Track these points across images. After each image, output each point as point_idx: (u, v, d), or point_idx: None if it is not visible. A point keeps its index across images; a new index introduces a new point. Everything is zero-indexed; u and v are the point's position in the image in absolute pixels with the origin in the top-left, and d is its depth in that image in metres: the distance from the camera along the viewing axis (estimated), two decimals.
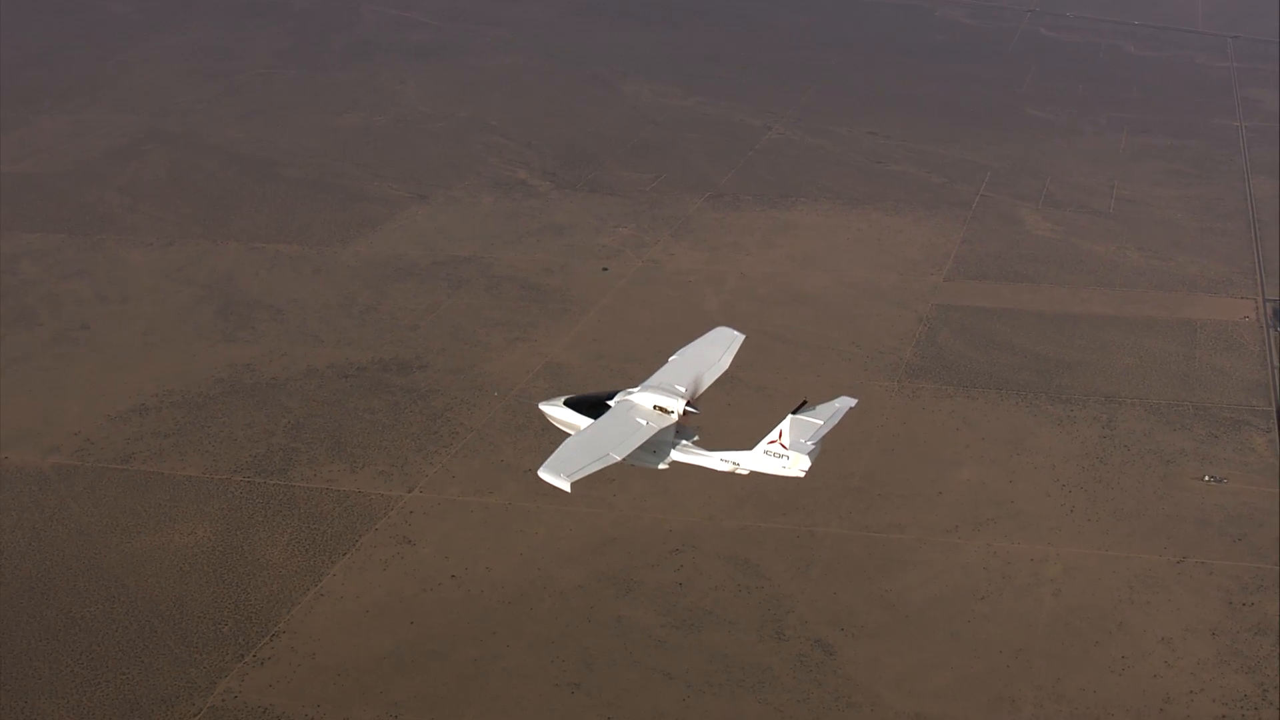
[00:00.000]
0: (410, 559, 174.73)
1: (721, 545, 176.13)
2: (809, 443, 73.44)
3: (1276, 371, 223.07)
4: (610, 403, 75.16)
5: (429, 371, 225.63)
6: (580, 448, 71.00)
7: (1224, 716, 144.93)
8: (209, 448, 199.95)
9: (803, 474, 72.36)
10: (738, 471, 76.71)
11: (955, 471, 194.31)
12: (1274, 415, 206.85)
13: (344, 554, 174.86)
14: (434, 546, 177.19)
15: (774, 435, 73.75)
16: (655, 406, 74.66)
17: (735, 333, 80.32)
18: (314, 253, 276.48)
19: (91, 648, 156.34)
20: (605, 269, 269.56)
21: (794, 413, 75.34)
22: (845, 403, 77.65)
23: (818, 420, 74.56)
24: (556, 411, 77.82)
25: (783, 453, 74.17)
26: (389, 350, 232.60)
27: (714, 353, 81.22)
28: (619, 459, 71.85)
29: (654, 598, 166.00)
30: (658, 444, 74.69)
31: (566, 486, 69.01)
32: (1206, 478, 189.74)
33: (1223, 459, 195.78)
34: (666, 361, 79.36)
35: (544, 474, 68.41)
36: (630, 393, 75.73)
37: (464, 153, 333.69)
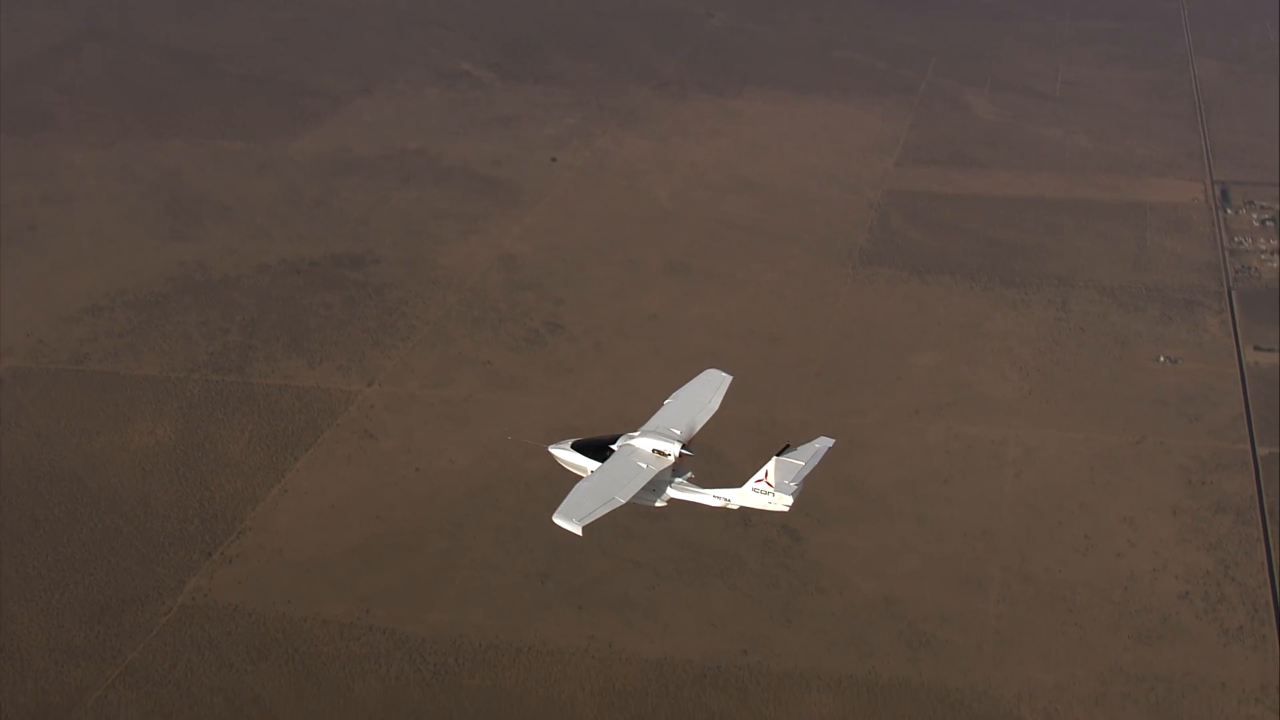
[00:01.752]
0: (373, 453, 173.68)
1: None
2: (792, 484, 76.44)
3: (1227, 253, 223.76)
4: (613, 446, 76.89)
5: (382, 265, 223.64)
6: (588, 493, 78.61)
7: (1186, 593, 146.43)
8: (164, 346, 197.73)
9: (786, 509, 75.42)
10: (729, 506, 78.80)
11: (913, 356, 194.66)
12: (1226, 296, 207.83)
13: (306, 449, 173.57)
14: (396, 440, 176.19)
15: (760, 475, 78.32)
16: (654, 450, 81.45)
17: (724, 375, 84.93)
18: (259, 148, 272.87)
19: (57, 550, 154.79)
20: (554, 159, 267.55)
21: (778, 455, 78.20)
22: (824, 443, 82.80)
23: (799, 461, 79.67)
24: (564, 454, 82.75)
25: (768, 490, 77.54)
26: (340, 245, 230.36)
27: (705, 394, 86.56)
28: (623, 501, 79.07)
29: None
30: (657, 483, 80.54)
31: (578, 530, 77.45)
32: (1162, 358, 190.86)
33: (1177, 340, 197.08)
34: (662, 405, 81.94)
35: (558, 519, 74.42)
36: (631, 437, 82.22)
37: (405, 45, 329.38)
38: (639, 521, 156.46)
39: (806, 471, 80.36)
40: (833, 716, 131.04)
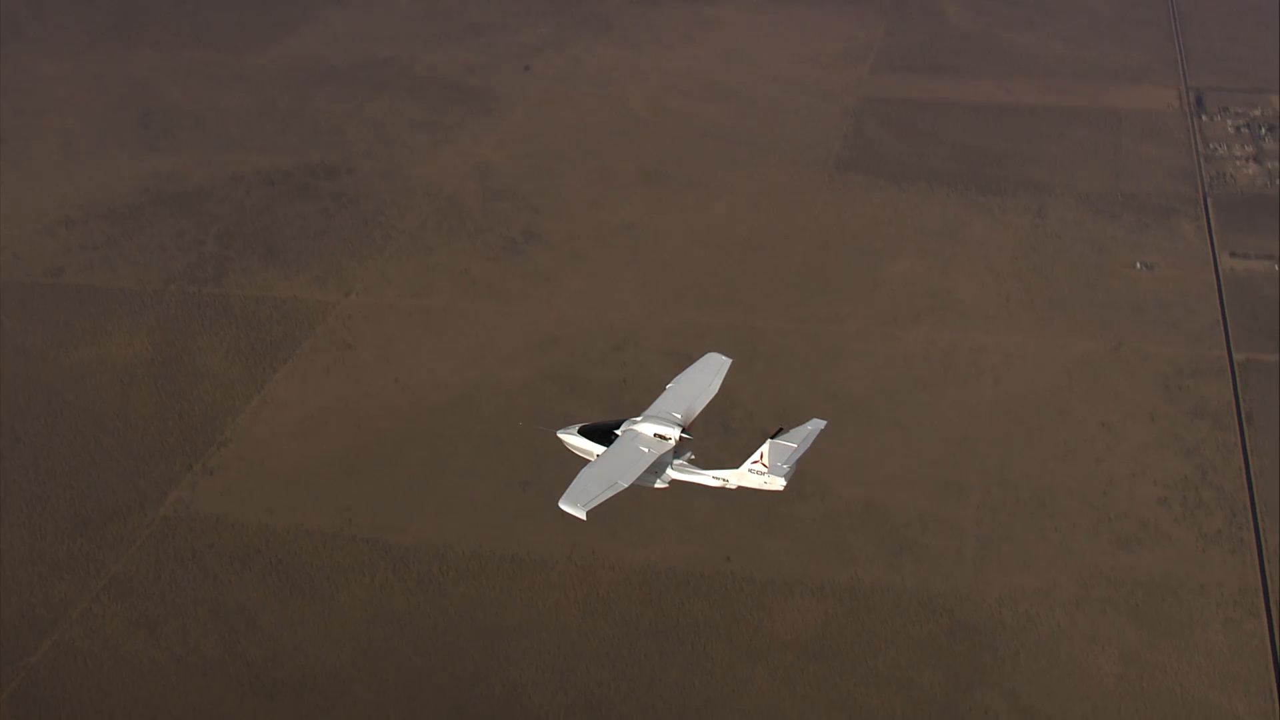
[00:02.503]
0: (352, 364, 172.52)
1: (663, 341, 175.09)
2: (785, 465, 77.44)
3: (1202, 159, 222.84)
4: (617, 431, 77.31)
5: (357, 175, 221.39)
6: (593, 479, 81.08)
7: (1165, 498, 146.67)
8: (140, 259, 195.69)
9: (781, 489, 76.27)
10: (728, 486, 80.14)
11: (890, 263, 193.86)
12: (1201, 202, 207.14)
13: (285, 361, 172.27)
14: (375, 350, 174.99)
15: (756, 457, 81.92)
16: (655, 434, 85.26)
17: (724, 358, 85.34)
18: (230, 58, 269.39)
19: (37, 463, 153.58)
20: (527, 68, 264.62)
21: (772, 438, 79.48)
22: (816, 425, 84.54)
23: (792, 444, 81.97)
24: (572, 439, 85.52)
25: (764, 471, 78.68)
26: (314, 155, 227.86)
27: (705, 379, 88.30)
28: (625, 485, 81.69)
29: (599, 395, 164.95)
30: (658, 466, 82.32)
31: (583, 515, 79.71)
32: (1138, 265, 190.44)
33: (1153, 246, 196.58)
34: (664, 390, 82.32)
35: (563, 505, 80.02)
36: (634, 422, 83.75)
37: None
38: None
39: (799, 454, 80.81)
40: (815, 622, 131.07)
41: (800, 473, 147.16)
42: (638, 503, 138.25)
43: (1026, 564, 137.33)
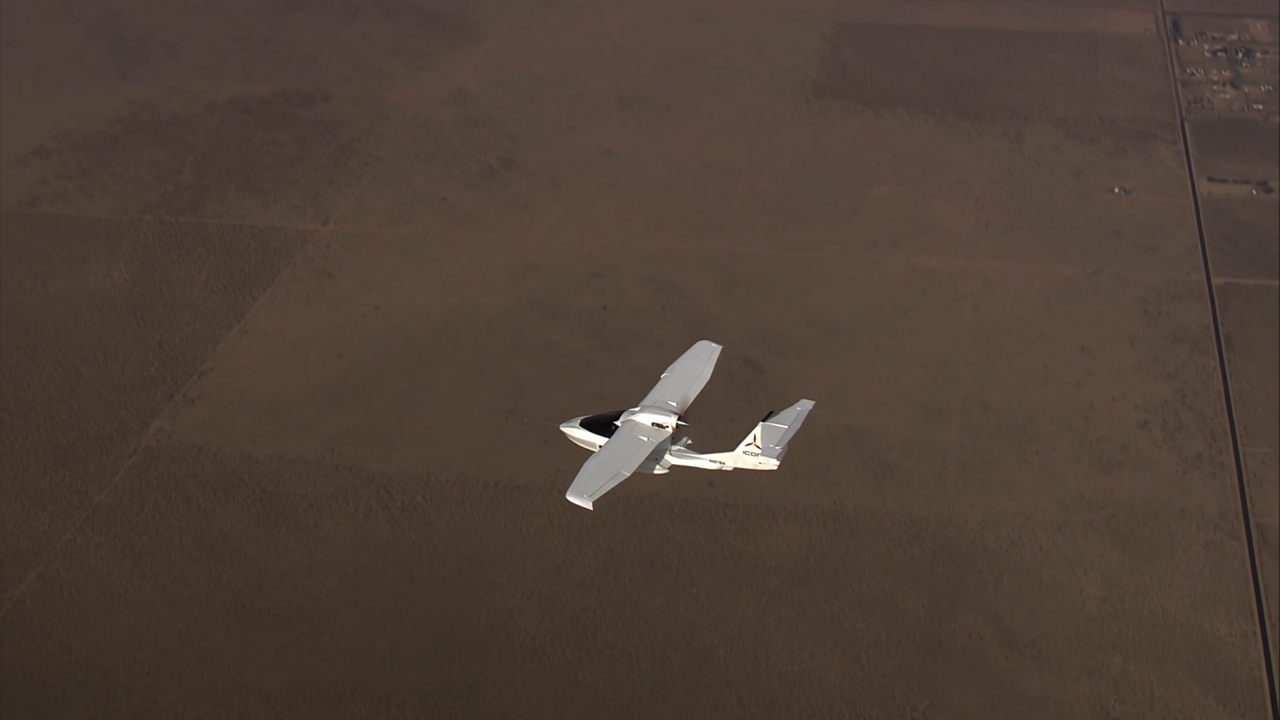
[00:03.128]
0: (331, 292, 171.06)
1: (642, 268, 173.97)
2: (777, 447, 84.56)
3: (1179, 84, 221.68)
4: (617, 422, 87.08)
5: (333, 103, 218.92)
6: (597, 471, 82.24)
7: (1145, 422, 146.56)
8: (115, 188, 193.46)
9: (774, 468, 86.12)
10: (724, 468, 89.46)
11: (869, 189, 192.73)
12: (1179, 127, 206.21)
13: (264, 290, 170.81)
14: (354, 279, 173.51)
15: (749, 440, 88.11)
16: (653, 423, 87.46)
17: (714, 345, 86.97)
18: None
19: (17, 394, 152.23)
20: None
21: (764, 421, 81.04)
22: (805, 405, 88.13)
23: (783, 426, 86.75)
24: (575, 431, 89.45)
25: (757, 452, 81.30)
26: (290, 82, 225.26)
27: (697, 366, 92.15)
28: (628, 475, 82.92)
29: (579, 321, 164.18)
30: (657, 454, 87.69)
31: (589, 505, 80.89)
32: (1116, 190, 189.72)
33: (1131, 171, 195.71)
34: (659, 380, 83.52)
35: (571, 497, 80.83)
36: (633, 413, 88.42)
37: None
38: (600, 356, 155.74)
39: (790, 435, 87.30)
40: (800, 546, 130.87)
41: (781, 397, 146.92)
42: None
43: (1008, 488, 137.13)
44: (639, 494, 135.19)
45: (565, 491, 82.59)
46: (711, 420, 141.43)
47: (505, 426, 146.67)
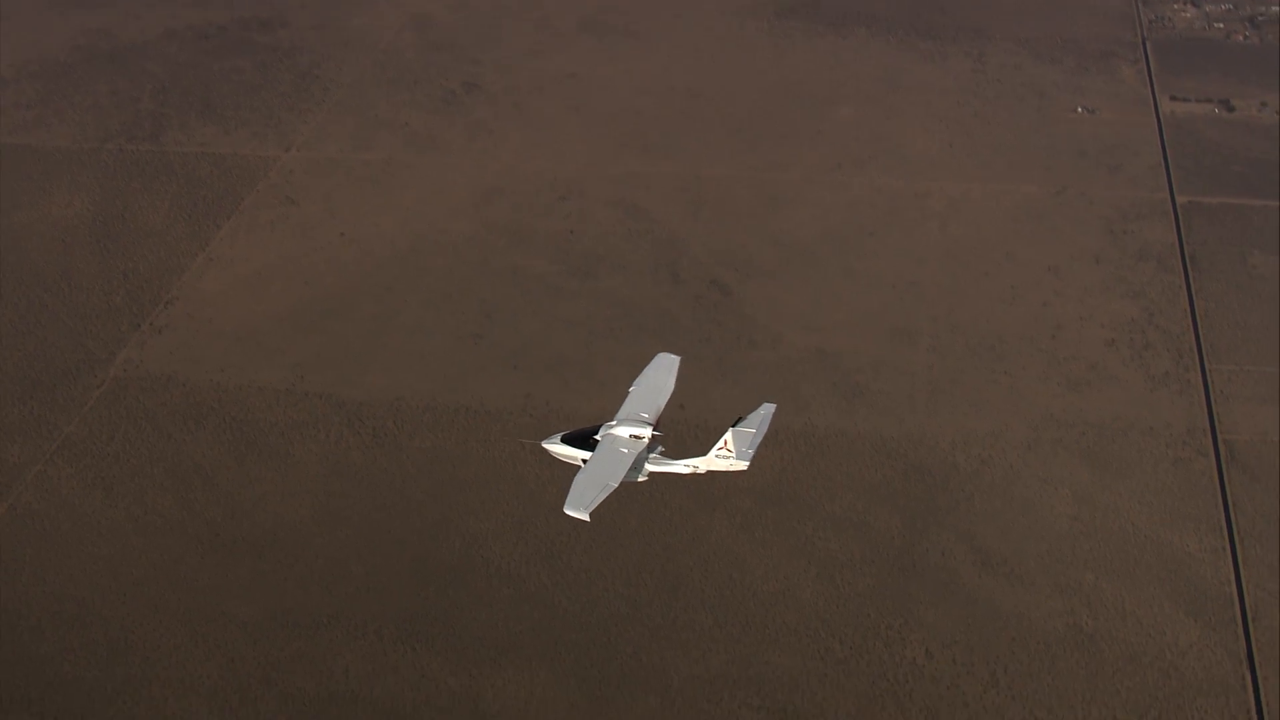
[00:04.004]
0: (296, 219, 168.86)
1: (608, 191, 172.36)
2: (749, 450, 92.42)
3: (1140, 3, 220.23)
4: (597, 436, 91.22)
5: (292, 29, 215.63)
6: (588, 484, 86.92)
7: (1113, 340, 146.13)
8: (75, 117, 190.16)
9: (745, 469, 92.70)
10: (698, 472, 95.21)
11: (832, 110, 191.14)
12: (1140, 46, 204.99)
13: (228, 217, 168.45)
14: (318, 205, 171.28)
15: (721, 444, 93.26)
16: (631, 435, 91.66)
17: (673, 356, 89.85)
18: None
19: None
20: None
21: (734, 426, 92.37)
22: (768, 409, 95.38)
23: (751, 430, 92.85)
24: (556, 447, 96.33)
25: (729, 455, 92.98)
26: (247, 9, 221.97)
27: (661, 378, 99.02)
28: (615, 485, 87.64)
29: (546, 246, 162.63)
30: (638, 462, 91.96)
31: (586, 517, 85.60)
32: (1079, 109, 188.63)
33: (1094, 90, 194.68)
34: (627, 394, 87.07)
35: (568, 510, 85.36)
36: (610, 426, 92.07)
37: None
38: (569, 280, 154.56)
39: (759, 438, 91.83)
40: (772, 468, 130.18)
41: (749, 320, 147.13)
42: (588, 353, 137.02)
43: (978, 407, 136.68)
44: (608, 417, 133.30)
45: (564, 505, 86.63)
46: (681, 344, 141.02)
47: (474, 351, 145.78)
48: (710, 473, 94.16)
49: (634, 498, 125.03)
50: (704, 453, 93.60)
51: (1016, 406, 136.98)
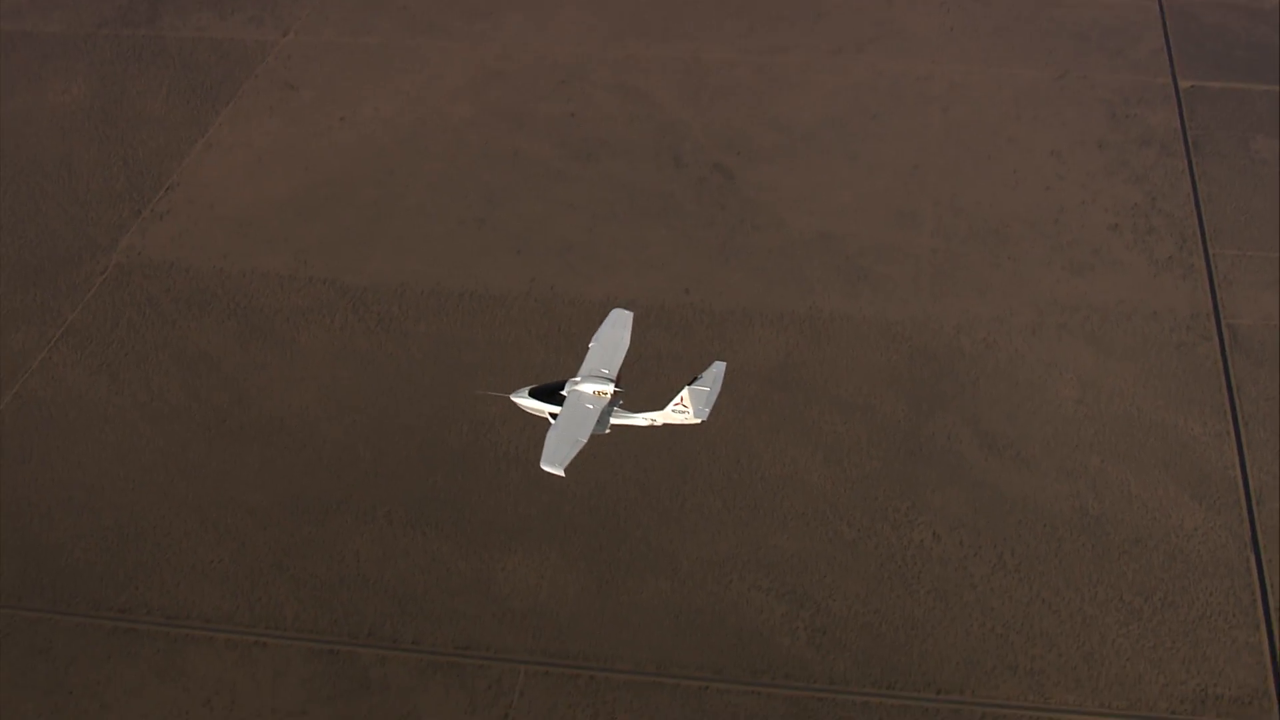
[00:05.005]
0: (295, 104, 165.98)
1: (609, 75, 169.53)
2: (705, 408, 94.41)
3: None
4: (563, 392, 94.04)
5: None
6: (560, 441, 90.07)
7: (1116, 225, 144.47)
8: (69, 3, 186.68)
9: (700, 422, 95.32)
10: (655, 424, 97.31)
11: None
12: None
13: (227, 102, 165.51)
14: (317, 90, 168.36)
15: (677, 400, 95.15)
16: (595, 391, 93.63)
17: (628, 312, 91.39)
18: None
19: None
20: None
21: (689, 385, 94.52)
22: (719, 367, 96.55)
23: (706, 388, 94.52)
24: (524, 400, 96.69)
25: (685, 410, 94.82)
26: None
27: (618, 334, 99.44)
28: (584, 441, 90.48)
29: (548, 130, 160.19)
30: (603, 417, 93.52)
31: (561, 472, 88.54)
32: None
33: None
34: (588, 349, 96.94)
35: (544, 466, 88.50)
36: (575, 383, 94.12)
37: None
38: (571, 164, 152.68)
39: (714, 396, 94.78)
40: (777, 352, 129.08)
41: (753, 203, 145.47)
42: (591, 237, 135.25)
43: (982, 292, 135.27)
44: (614, 300, 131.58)
45: (541, 457, 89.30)
46: (685, 227, 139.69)
47: (478, 235, 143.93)
48: (666, 425, 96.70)
49: (641, 381, 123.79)
50: (661, 407, 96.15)
51: (1020, 290, 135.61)
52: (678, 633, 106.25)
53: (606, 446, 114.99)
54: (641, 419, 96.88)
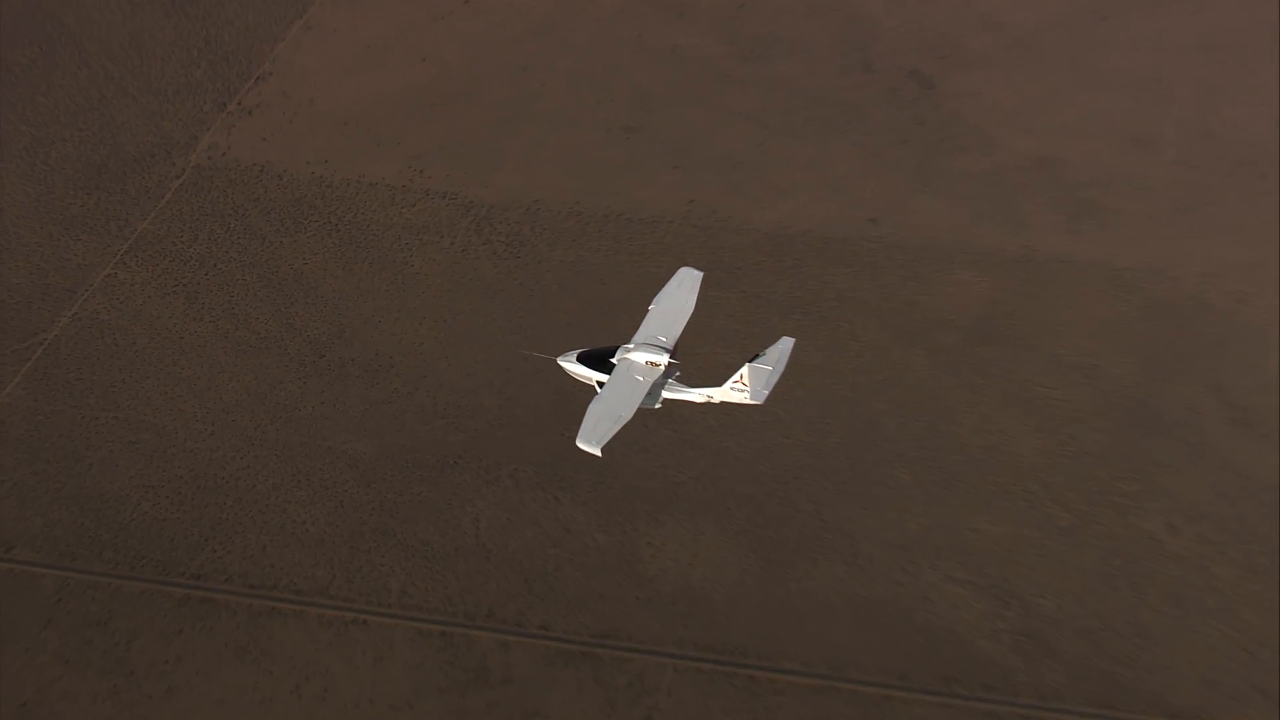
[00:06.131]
0: None
1: None
2: (765, 390, 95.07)
3: None
4: (613, 360, 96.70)
5: None
6: (602, 416, 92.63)
7: None
8: None
9: (759, 403, 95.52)
10: (712, 401, 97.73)
11: None
12: None
13: None
14: None
15: (736, 378, 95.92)
16: (648, 362, 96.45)
17: (696, 271, 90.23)
18: None
19: (36, 100, 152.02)
20: None
21: (749, 362, 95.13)
22: (786, 343, 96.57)
23: (768, 367, 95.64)
24: (572, 366, 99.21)
25: (744, 389, 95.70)
26: None
27: (683, 296, 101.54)
28: (629, 418, 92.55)
29: (713, 22, 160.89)
30: (653, 391, 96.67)
31: (598, 451, 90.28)
32: None
33: None
34: (646, 313, 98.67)
35: (580, 443, 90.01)
36: (627, 350, 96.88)
37: None
38: (738, 64, 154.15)
39: (776, 377, 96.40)
40: (982, 298, 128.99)
41: (956, 118, 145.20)
42: (762, 153, 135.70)
43: (1234, 233, 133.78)
44: (787, 230, 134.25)
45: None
46: (875, 144, 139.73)
47: (626, 146, 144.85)
48: (724, 403, 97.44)
49: (817, 327, 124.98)
50: (722, 384, 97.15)
51: None
52: (855, 629, 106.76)
53: (771, 404, 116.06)
54: (698, 394, 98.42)
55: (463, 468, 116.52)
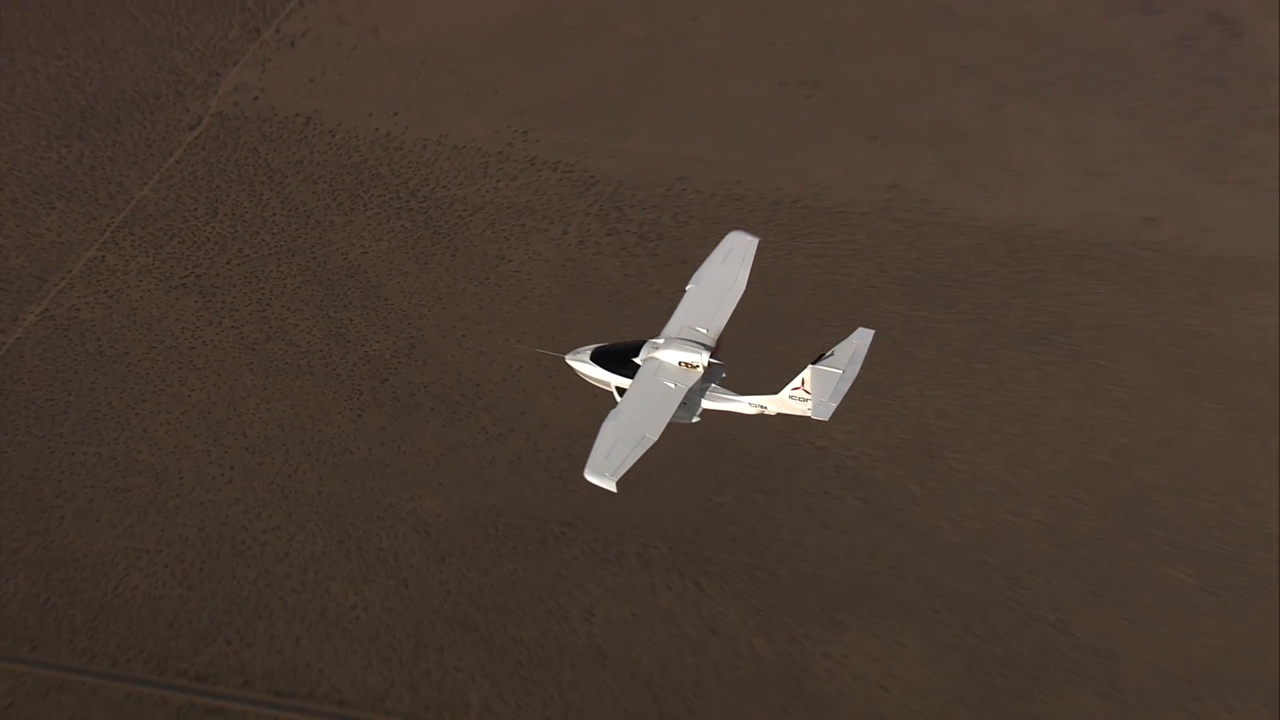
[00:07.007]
0: None
1: None
2: (831, 402, 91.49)
3: None
4: (637, 360, 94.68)
5: None
6: (618, 439, 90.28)
7: None
8: None
9: (825, 419, 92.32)
10: (766, 413, 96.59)
11: None
12: None
13: None
14: None
15: (797, 383, 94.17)
16: (681, 363, 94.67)
17: (749, 237, 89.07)
18: None
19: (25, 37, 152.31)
20: None
21: (814, 363, 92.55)
22: (864, 337, 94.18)
23: (837, 370, 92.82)
24: (584, 366, 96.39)
25: (806, 397, 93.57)
26: None
27: (730, 272, 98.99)
28: (655, 439, 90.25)
29: None
30: (688, 399, 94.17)
31: (612, 487, 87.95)
32: None
33: None
34: (685, 292, 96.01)
35: (589, 476, 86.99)
36: (655, 346, 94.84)
37: None
38: None
39: (848, 384, 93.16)
40: None
41: (1263, 73, 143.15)
42: (993, 120, 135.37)
43: None
44: (1024, 230, 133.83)
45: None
46: (1153, 114, 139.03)
47: (806, 107, 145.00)
48: (781, 415, 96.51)
49: (1069, 363, 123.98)
50: (778, 391, 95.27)
51: None
52: None
53: (1000, 470, 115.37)
54: (747, 404, 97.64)
55: (572, 540, 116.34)
